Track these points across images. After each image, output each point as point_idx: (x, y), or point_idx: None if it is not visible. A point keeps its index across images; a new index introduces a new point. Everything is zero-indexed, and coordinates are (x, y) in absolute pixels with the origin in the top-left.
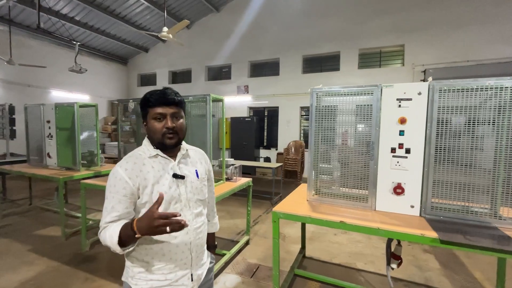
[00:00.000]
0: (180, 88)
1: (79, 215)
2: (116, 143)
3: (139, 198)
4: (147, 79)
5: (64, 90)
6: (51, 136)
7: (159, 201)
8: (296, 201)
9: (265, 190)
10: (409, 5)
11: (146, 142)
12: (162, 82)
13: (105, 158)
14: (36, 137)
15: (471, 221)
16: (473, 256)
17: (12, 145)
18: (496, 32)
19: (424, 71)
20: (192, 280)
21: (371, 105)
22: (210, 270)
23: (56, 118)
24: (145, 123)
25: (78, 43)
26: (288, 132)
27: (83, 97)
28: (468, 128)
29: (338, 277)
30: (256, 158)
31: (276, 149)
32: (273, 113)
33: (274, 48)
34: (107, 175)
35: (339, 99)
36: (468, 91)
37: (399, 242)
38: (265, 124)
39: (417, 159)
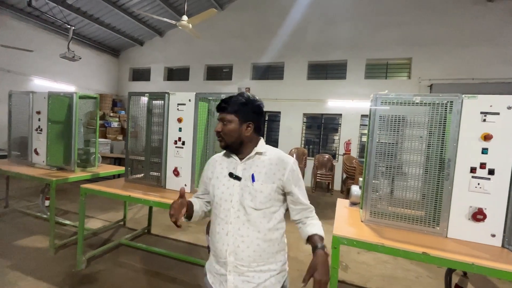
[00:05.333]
0: (176, 86)
1: (68, 222)
2: (104, 139)
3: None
4: (140, 73)
5: (48, 79)
6: (41, 130)
7: (180, 193)
8: (349, 223)
9: None
10: (419, 20)
11: None
12: (157, 78)
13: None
14: (21, 130)
15: None
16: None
17: None
18: (501, 53)
19: (430, 86)
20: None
21: (445, 117)
22: None
23: (48, 109)
24: None
25: (73, 27)
26: (289, 138)
27: (68, 88)
28: None
29: None
30: None
31: None
32: (274, 118)
33: (279, 51)
34: (106, 178)
35: (406, 108)
36: None
37: (465, 273)
38: (265, 128)
39: (503, 182)
